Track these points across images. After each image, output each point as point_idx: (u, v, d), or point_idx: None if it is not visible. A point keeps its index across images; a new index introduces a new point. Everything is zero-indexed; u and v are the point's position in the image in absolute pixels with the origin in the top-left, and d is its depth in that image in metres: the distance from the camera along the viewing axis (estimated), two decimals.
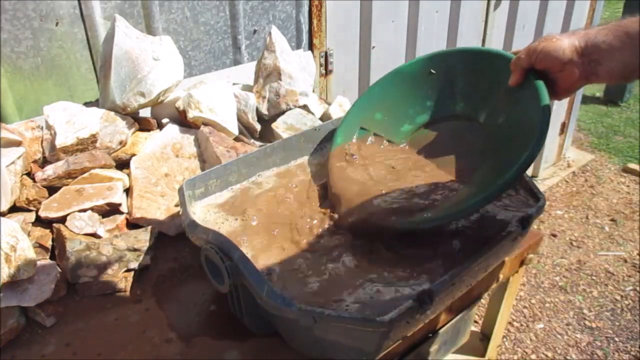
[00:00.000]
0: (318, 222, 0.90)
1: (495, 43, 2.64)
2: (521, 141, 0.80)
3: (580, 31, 0.74)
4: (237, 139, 1.23)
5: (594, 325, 2.11)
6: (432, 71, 1.01)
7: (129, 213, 1.03)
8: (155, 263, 0.98)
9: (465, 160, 0.97)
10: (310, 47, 1.84)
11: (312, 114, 1.37)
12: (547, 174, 3.26)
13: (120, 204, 1.02)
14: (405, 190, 0.92)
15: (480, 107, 0.96)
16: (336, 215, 0.91)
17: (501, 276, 1.05)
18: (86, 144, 1.06)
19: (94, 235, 0.95)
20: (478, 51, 0.96)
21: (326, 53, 1.89)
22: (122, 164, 1.11)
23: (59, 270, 0.89)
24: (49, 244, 0.93)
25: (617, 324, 2.11)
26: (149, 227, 0.97)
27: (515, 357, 1.96)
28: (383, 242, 0.84)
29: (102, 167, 1.04)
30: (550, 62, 0.75)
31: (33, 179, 1.01)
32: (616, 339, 2.03)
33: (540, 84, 0.78)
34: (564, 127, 3.26)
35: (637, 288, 2.30)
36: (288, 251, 0.83)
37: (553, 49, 0.74)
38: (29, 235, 0.92)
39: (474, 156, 0.95)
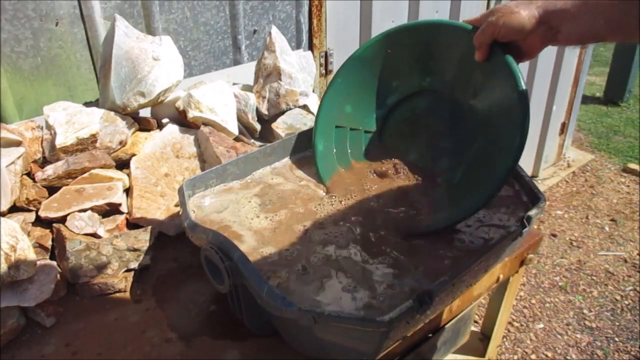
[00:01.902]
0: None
1: None
2: (505, 118, 0.81)
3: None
4: (237, 139, 1.23)
5: (594, 325, 2.11)
6: (389, 51, 0.98)
7: (129, 213, 1.03)
8: (155, 263, 0.98)
9: (447, 139, 0.98)
10: (310, 47, 1.84)
11: (312, 114, 1.37)
12: (547, 174, 3.26)
13: (120, 204, 1.02)
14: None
15: (449, 79, 0.95)
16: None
17: (501, 276, 1.05)
18: (86, 144, 1.06)
19: (94, 235, 0.95)
20: (433, 24, 0.93)
21: (326, 53, 1.89)
22: (122, 164, 1.11)
23: (59, 270, 0.89)
24: (49, 244, 0.93)
25: (617, 324, 2.11)
26: (149, 227, 0.97)
27: (515, 357, 1.96)
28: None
29: (102, 167, 1.04)
30: (513, 36, 0.76)
31: (33, 179, 1.01)
32: (616, 339, 2.03)
33: (510, 60, 0.79)
34: (564, 127, 3.26)
35: (637, 288, 2.30)
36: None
37: (514, 23, 0.75)
38: (29, 235, 0.92)
39: (456, 134, 0.96)
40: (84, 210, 0.98)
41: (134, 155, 1.11)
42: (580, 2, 0.69)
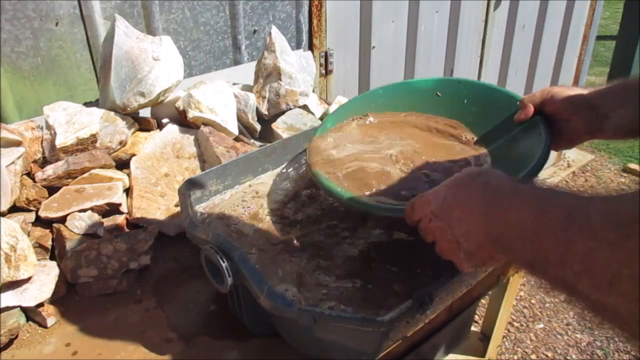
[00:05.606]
0: None
1: (495, 43, 2.64)
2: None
3: (593, 87, 0.76)
4: (237, 139, 1.23)
5: (594, 325, 2.10)
6: (438, 93, 1.05)
7: (129, 213, 1.03)
8: (155, 263, 0.98)
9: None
10: (310, 47, 1.85)
11: (312, 114, 1.38)
12: (547, 173, 3.26)
13: (120, 204, 1.01)
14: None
15: (480, 135, 0.98)
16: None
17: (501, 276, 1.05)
18: (86, 144, 1.06)
19: (94, 235, 0.95)
20: (489, 88, 1.00)
21: (326, 53, 1.89)
22: (122, 164, 1.11)
23: (59, 270, 0.89)
24: (49, 244, 0.93)
25: None
26: (149, 227, 0.97)
27: (515, 357, 1.96)
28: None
29: (102, 167, 1.04)
30: (559, 106, 0.77)
31: (33, 179, 1.01)
32: (616, 339, 2.03)
33: (545, 122, 0.81)
34: None
35: None
36: None
37: (564, 95, 0.76)
38: (29, 235, 0.92)
39: None
40: (84, 210, 0.98)
41: (134, 155, 1.11)
42: (631, 92, 0.69)
